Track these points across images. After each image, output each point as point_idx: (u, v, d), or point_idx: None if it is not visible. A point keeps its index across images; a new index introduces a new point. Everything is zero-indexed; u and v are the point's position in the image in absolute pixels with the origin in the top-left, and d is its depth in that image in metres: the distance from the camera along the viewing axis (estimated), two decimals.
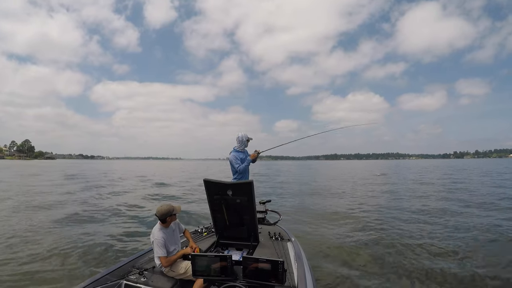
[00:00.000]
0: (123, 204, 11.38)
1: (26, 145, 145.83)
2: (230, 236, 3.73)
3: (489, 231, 7.07)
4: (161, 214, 2.99)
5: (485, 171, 35.69)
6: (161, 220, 3.03)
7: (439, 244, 6.04)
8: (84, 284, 2.52)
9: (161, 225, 3.05)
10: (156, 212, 3.01)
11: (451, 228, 7.49)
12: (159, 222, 3.06)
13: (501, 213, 9.34)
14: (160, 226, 3.05)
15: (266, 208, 4.87)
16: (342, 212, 10.09)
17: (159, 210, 3.00)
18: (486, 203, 11.29)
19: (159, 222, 3.06)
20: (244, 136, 4.56)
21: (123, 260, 3.16)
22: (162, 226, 3.05)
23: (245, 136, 4.56)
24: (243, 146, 4.58)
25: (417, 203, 11.50)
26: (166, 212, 3.00)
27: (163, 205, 3.07)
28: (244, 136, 4.55)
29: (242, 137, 4.53)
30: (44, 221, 8.12)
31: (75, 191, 15.61)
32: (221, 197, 3.49)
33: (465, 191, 15.44)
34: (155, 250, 2.94)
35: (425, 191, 15.82)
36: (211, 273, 2.52)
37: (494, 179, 22.84)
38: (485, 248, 5.86)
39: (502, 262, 5.11)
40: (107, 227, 7.68)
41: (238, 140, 4.55)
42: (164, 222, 3.03)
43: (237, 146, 4.57)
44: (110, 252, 5.67)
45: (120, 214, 9.44)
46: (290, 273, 2.78)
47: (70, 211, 9.68)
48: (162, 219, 3.02)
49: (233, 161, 4.47)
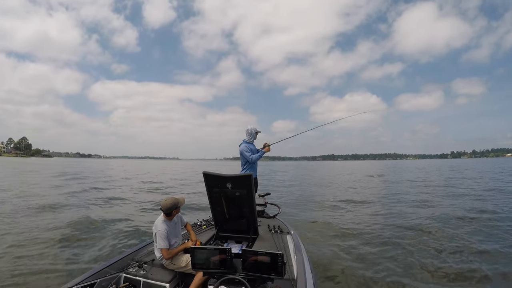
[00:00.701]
0: (121, 198, 11.39)
1: (23, 143, 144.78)
2: (229, 229, 3.74)
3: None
4: (166, 208, 2.99)
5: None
6: (166, 214, 3.03)
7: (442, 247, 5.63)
8: (83, 277, 2.52)
9: (164, 217, 3.05)
10: (161, 206, 3.01)
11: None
12: (163, 215, 3.06)
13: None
14: (163, 219, 3.04)
15: (266, 201, 4.89)
16: (342, 207, 10.16)
17: (164, 204, 3.00)
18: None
19: (163, 215, 3.06)
20: (253, 129, 4.68)
21: (122, 253, 3.16)
22: (165, 219, 3.05)
23: (254, 129, 4.68)
24: (252, 138, 4.71)
25: (414, 202, 11.50)
26: (171, 205, 3.00)
27: (168, 198, 3.07)
28: (254, 129, 4.68)
29: (251, 129, 4.66)
30: (40, 216, 8.09)
31: (71, 186, 15.60)
32: (220, 190, 3.48)
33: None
34: (157, 242, 2.93)
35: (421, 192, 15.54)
36: (211, 266, 2.51)
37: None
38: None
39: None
40: (105, 220, 7.65)
41: (247, 133, 4.67)
42: (169, 215, 3.04)
43: (246, 138, 4.68)
44: (109, 245, 5.67)
45: (119, 208, 9.44)
46: (290, 266, 2.79)
47: (67, 206, 9.66)
48: (167, 213, 3.02)
49: (245, 151, 4.55)
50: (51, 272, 4.36)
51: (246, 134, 4.69)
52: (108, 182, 19.13)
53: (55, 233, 6.42)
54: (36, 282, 4.06)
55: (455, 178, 22.65)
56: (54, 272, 4.36)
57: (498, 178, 22.27)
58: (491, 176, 23.70)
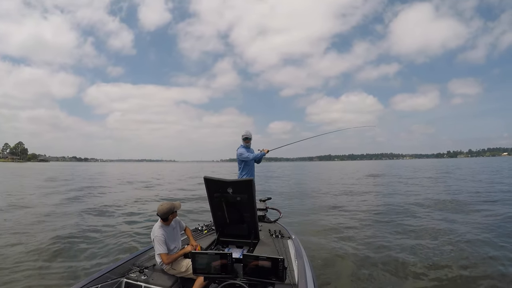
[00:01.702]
0: (120, 203, 11.32)
1: (19, 148, 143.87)
2: (230, 234, 3.74)
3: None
4: (162, 213, 3.00)
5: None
6: (163, 219, 3.04)
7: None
8: (84, 282, 2.51)
9: (162, 222, 3.06)
10: (158, 212, 3.02)
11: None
12: (160, 220, 3.06)
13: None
14: (160, 224, 3.05)
15: (266, 206, 4.90)
16: (341, 210, 10.16)
17: (160, 209, 3.01)
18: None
19: (160, 220, 3.06)
20: (246, 134, 4.82)
21: (123, 258, 3.16)
22: (162, 224, 3.06)
23: (246, 134, 4.82)
24: (249, 144, 4.85)
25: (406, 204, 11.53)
26: (167, 210, 3.01)
27: (163, 203, 3.07)
28: (246, 134, 4.82)
29: (245, 134, 4.81)
30: (40, 219, 8.03)
31: (70, 192, 15.49)
32: (221, 194, 3.50)
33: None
34: (156, 248, 2.94)
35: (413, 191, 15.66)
36: (212, 270, 2.52)
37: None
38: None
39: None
40: (106, 225, 7.62)
41: (244, 138, 4.80)
42: (166, 220, 3.04)
43: (243, 143, 4.82)
44: (110, 250, 5.65)
45: (118, 213, 9.39)
46: (291, 271, 2.79)
47: (67, 210, 9.60)
48: (164, 218, 3.03)
49: (243, 153, 4.66)
50: (50, 279, 4.32)
51: (243, 139, 4.82)
52: (109, 187, 18.96)
53: (55, 238, 6.37)
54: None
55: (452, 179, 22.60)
56: (54, 279, 4.32)
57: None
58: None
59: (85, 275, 4.24)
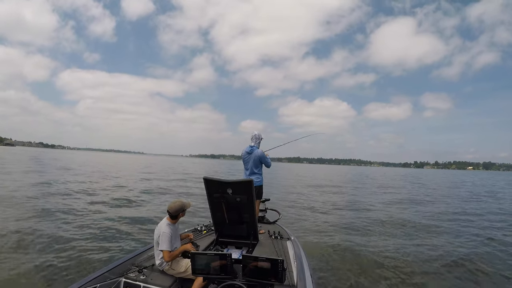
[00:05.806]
0: (117, 201, 11.32)
1: None
2: (229, 235, 3.74)
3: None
4: (174, 211, 3.00)
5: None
6: (172, 217, 3.03)
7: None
8: (83, 281, 2.51)
9: (169, 220, 3.05)
10: (169, 209, 3.02)
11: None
12: (168, 217, 3.06)
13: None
14: (168, 222, 3.04)
15: (266, 207, 4.89)
16: (341, 212, 10.14)
17: (172, 207, 3.01)
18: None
19: (168, 217, 3.06)
20: (259, 135, 4.66)
21: (122, 257, 3.15)
22: (170, 222, 3.04)
23: (260, 135, 4.66)
24: (258, 144, 4.65)
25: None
26: (179, 208, 3.02)
27: (176, 201, 3.07)
28: (260, 135, 4.65)
29: (258, 135, 4.63)
30: (34, 216, 8.03)
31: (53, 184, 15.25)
32: (221, 195, 3.50)
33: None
34: (161, 244, 2.91)
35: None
36: (211, 271, 2.51)
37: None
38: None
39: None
40: (104, 224, 7.60)
41: (255, 138, 4.59)
42: (175, 218, 3.04)
43: (252, 143, 4.59)
44: (109, 249, 5.63)
45: (115, 211, 9.38)
46: (290, 272, 2.78)
47: (61, 208, 9.59)
48: (174, 216, 3.02)
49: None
50: (48, 278, 4.30)
51: (253, 140, 4.60)
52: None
53: (55, 236, 6.39)
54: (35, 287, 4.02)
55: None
56: (52, 278, 4.31)
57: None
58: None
59: (83, 274, 4.23)
